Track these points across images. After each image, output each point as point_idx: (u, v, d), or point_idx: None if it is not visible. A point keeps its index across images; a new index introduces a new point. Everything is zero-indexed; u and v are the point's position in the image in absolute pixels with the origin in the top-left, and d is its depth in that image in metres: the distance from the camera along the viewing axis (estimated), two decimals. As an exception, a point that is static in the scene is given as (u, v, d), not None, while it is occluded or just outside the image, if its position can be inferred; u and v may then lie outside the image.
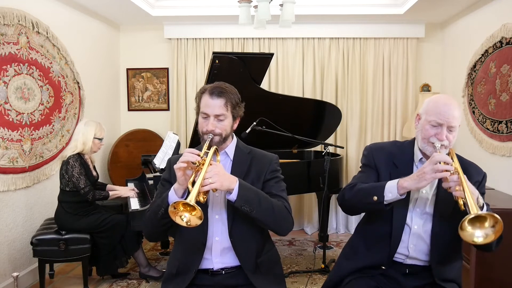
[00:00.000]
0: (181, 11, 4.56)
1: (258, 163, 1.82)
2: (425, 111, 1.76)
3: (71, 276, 3.61)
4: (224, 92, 1.73)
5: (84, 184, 3.17)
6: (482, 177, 1.82)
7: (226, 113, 1.73)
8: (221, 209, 1.76)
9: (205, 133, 1.73)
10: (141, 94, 5.14)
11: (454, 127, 1.70)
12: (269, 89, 4.75)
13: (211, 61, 3.29)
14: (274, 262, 1.89)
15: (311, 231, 4.88)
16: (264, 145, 2.47)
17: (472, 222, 1.49)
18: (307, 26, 4.72)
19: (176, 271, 1.80)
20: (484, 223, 1.49)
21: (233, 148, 1.84)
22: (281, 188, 1.82)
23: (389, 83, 4.84)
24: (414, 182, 1.63)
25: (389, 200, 1.68)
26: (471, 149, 3.99)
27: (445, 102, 1.72)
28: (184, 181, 1.61)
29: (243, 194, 1.62)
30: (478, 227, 1.50)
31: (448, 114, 1.68)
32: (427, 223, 1.77)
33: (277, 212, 1.70)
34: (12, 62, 3.14)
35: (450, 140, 1.70)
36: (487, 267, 2.77)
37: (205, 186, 1.54)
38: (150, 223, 1.77)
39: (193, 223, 1.50)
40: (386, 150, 1.88)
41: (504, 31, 3.44)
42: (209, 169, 1.57)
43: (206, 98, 1.74)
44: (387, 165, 1.82)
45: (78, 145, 3.23)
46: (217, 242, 1.76)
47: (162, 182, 1.86)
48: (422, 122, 1.76)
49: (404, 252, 1.79)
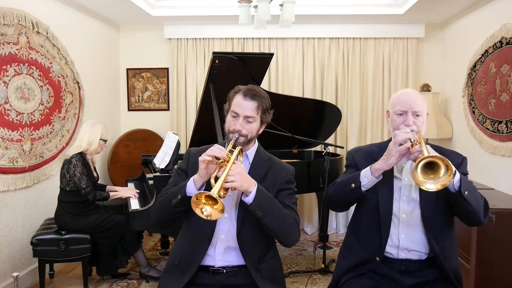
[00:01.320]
0: (181, 11, 4.56)
1: (275, 172, 1.85)
2: (390, 105, 1.88)
3: (71, 276, 3.61)
4: (257, 95, 1.77)
5: (85, 184, 3.18)
6: (461, 160, 1.86)
7: (256, 116, 1.77)
8: (231, 208, 1.78)
9: (232, 132, 1.76)
10: (141, 94, 5.14)
11: (418, 111, 1.79)
12: (269, 89, 4.74)
13: (211, 61, 3.29)
14: (276, 269, 1.89)
15: (311, 231, 4.88)
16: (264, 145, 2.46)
17: (425, 171, 1.56)
18: (307, 26, 4.72)
19: (179, 262, 1.81)
20: (437, 172, 1.55)
21: (253, 152, 1.87)
22: (293, 200, 1.85)
23: (389, 83, 4.84)
24: (384, 161, 1.72)
25: (366, 184, 1.76)
26: (471, 149, 3.99)
27: (404, 91, 1.87)
28: (205, 174, 1.64)
29: (259, 198, 1.64)
30: (432, 178, 1.56)
31: (409, 100, 1.79)
32: (416, 209, 1.80)
33: (287, 222, 1.73)
34: (12, 62, 3.14)
35: (417, 124, 1.79)
36: (487, 267, 2.78)
37: (226, 183, 1.57)
38: (161, 210, 1.79)
39: (214, 216, 1.53)
40: (365, 150, 1.99)
41: (504, 31, 3.44)
42: (232, 167, 1.60)
43: (239, 98, 1.77)
44: (367, 162, 1.87)
45: (83, 145, 3.24)
46: (222, 240, 1.78)
47: (178, 171, 1.89)
48: (391, 116, 1.86)
49: (395, 243, 1.81)
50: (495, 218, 2.73)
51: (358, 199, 1.85)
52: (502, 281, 2.79)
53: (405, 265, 1.81)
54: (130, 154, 4.90)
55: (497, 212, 2.76)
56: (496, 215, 2.74)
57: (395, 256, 1.82)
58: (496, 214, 2.74)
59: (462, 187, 1.64)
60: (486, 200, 1.77)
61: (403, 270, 1.81)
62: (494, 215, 2.73)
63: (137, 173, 4.25)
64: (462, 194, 1.64)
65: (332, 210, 2.06)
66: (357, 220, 1.95)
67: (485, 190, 3.44)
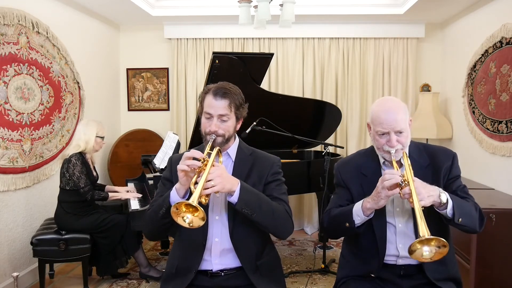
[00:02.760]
0: (181, 11, 4.56)
1: (260, 165, 1.81)
2: (371, 121, 1.78)
3: (71, 276, 3.61)
4: (228, 92, 1.72)
5: (84, 183, 3.19)
6: (451, 160, 1.80)
7: (230, 114, 1.72)
8: (221, 210, 1.76)
9: (208, 133, 1.72)
10: (141, 94, 5.14)
11: (401, 130, 1.70)
12: (269, 89, 4.75)
13: (211, 61, 3.29)
14: (274, 265, 1.88)
15: (311, 231, 4.88)
16: (264, 145, 2.47)
17: (421, 242, 1.50)
18: (307, 26, 4.72)
19: (176, 270, 1.80)
20: (431, 242, 1.51)
21: (235, 149, 1.83)
22: (282, 191, 1.82)
23: (389, 83, 4.84)
24: (374, 203, 1.67)
25: (359, 223, 1.72)
26: (471, 149, 3.99)
27: (385, 109, 1.72)
28: (186, 182, 1.61)
29: (244, 197, 1.62)
30: (426, 244, 1.51)
31: (391, 121, 1.69)
32: (410, 220, 1.78)
33: (277, 215, 1.70)
34: (12, 62, 3.14)
35: (402, 142, 1.71)
36: (487, 267, 2.78)
37: (207, 189, 1.53)
38: (150, 223, 1.77)
39: (195, 224, 1.50)
40: (352, 163, 1.91)
41: (504, 31, 3.44)
42: (211, 170, 1.56)
43: (210, 98, 1.72)
44: (356, 177, 1.84)
45: (81, 144, 3.26)
46: (217, 243, 1.76)
47: (162, 181, 1.85)
48: (372, 133, 1.78)
49: (394, 253, 1.78)
50: (495, 218, 2.73)
51: (355, 234, 1.81)
52: (502, 281, 2.78)
53: (404, 269, 1.79)
54: (130, 154, 4.90)
55: (497, 212, 2.76)
56: (496, 215, 2.74)
57: (394, 263, 1.80)
58: (496, 214, 2.74)
59: (455, 216, 1.62)
60: (481, 210, 1.74)
61: (402, 275, 1.80)
62: (494, 215, 2.73)
63: (137, 173, 4.25)
64: (456, 221, 1.63)
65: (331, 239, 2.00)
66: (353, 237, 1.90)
67: (485, 190, 3.45)
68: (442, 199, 1.62)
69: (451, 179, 1.79)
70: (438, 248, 1.50)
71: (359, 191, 1.81)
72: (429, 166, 1.80)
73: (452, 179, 1.79)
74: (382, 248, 1.77)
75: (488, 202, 2.99)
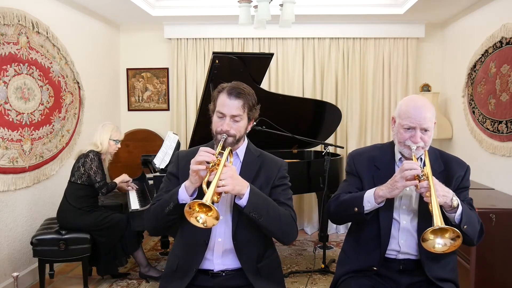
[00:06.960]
0: (181, 11, 4.56)
1: (268, 168, 1.81)
2: (398, 115, 1.80)
3: (71, 276, 3.61)
4: (242, 93, 1.72)
5: (100, 178, 3.27)
6: (465, 171, 1.84)
7: (243, 115, 1.72)
8: (226, 210, 1.75)
9: (219, 132, 1.71)
10: (141, 94, 5.14)
11: (427, 128, 1.73)
12: (269, 89, 4.75)
13: (211, 61, 3.29)
14: (275, 268, 1.88)
15: (311, 231, 4.88)
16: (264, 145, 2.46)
17: (435, 232, 1.55)
18: (307, 26, 4.72)
19: (176, 267, 1.79)
20: (445, 234, 1.55)
21: (243, 149, 1.83)
22: (288, 196, 1.82)
23: (389, 83, 4.84)
24: (388, 190, 1.69)
25: (368, 209, 1.74)
26: (471, 149, 3.99)
27: (415, 104, 1.75)
28: (196, 180, 1.60)
29: (253, 200, 1.61)
30: (440, 236, 1.55)
31: (420, 117, 1.72)
32: (414, 218, 1.81)
33: (283, 221, 1.70)
34: (12, 62, 3.14)
35: (425, 141, 1.74)
36: (487, 267, 2.78)
37: (218, 188, 1.53)
38: (154, 218, 1.75)
39: (209, 224, 1.50)
40: (366, 154, 1.93)
41: (504, 31, 3.44)
42: (223, 170, 1.56)
43: (224, 97, 1.72)
44: (369, 169, 1.85)
45: (98, 144, 3.36)
46: (220, 243, 1.75)
47: (168, 176, 1.84)
48: (397, 126, 1.80)
49: (395, 248, 1.81)
50: (495, 218, 2.73)
51: (360, 220, 1.82)
52: (502, 281, 2.79)
53: (403, 264, 1.81)
54: (130, 154, 4.90)
55: (497, 212, 2.76)
56: (496, 215, 2.74)
57: (394, 257, 1.82)
58: (496, 214, 2.74)
59: (462, 222, 1.66)
60: (482, 225, 1.77)
61: (401, 269, 1.82)
62: (494, 215, 2.74)
63: (137, 173, 4.25)
64: (461, 227, 1.65)
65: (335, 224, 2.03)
66: (356, 229, 1.94)
67: (485, 190, 3.45)
68: (453, 202, 1.66)
69: (460, 189, 1.82)
70: (452, 241, 1.54)
71: (369, 183, 1.83)
72: (443, 172, 1.83)
73: (461, 190, 1.82)
74: (385, 241, 1.79)
75: (488, 202, 3.00)
